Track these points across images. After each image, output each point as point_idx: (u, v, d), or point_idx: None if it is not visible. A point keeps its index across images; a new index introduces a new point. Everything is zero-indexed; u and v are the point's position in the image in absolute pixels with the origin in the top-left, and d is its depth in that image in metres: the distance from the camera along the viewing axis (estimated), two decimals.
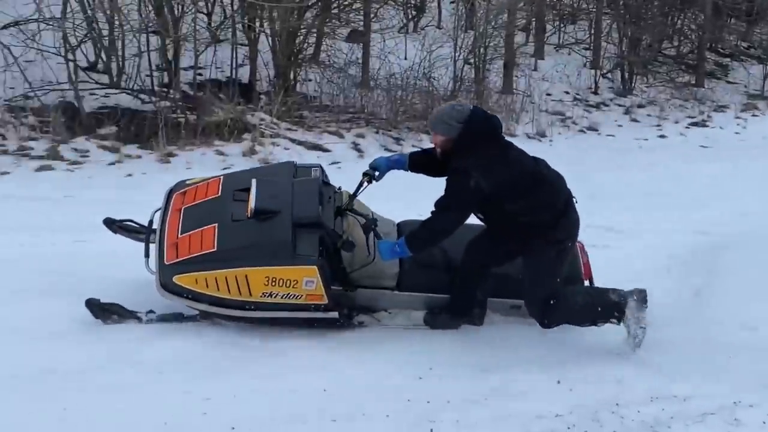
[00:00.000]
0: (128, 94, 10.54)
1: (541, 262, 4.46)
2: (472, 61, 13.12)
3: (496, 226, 4.52)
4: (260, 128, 10.01)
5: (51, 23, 9.77)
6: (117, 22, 10.39)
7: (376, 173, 4.69)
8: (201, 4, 11.65)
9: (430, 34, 13.94)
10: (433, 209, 4.30)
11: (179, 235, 4.42)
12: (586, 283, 4.96)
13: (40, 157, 8.78)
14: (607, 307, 4.60)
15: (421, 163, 4.65)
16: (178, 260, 4.33)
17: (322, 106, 11.65)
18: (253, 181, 4.53)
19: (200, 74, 11.18)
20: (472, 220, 4.51)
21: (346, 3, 12.92)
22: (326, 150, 10.02)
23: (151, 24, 10.65)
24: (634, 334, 4.59)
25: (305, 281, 4.29)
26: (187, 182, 4.92)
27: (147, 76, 10.70)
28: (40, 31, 9.73)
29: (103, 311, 4.46)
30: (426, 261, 4.71)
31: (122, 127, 9.67)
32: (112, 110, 10.12)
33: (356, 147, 10.49)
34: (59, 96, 9.93)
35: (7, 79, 9.82)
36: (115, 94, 10.54)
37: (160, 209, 4.68)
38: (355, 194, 4.72)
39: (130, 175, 8.63)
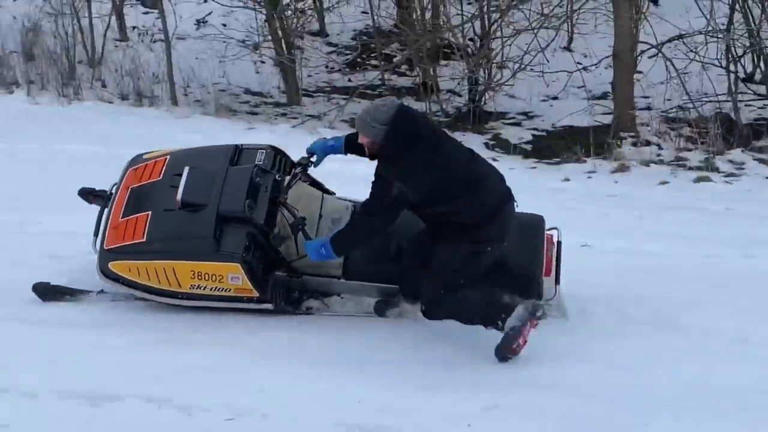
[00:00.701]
0: None
1: (450, 253, 4.18)
2: None
3: (429, 224, 4.31)
4: None
5: (717, 36, 9.90)
6: None
7: (313, 158, 4.45)
8: None
9: None
10: (360, 210, 4.22)
11: (120, 219, 4.48)
12: (551, 278, 4.51)
13: (697, 168, 8.93)
14: (496, 306, 4.20)
15: (356, 145, 4.29)
16: (113, 247, 4.41)
17: None
18: (186, 169, 4.43)
19: None
20: None
21: None
22: None
23: None
24: (505, 334, 4.10)
25: (230, 277, 4.27)
26: (144, 156, 4.84)
27: None
28: (707, 44, 9.92)
29: (54, 293, 4.59)
30: (373, 250, 4.44)
31: None
32: None
33: None
34: (716, 107, 10.01)
35: (666, 90, 10.22)
36: None
37: (116, 184, 4.70)
38: (289, 185, 4.46)
39: None
